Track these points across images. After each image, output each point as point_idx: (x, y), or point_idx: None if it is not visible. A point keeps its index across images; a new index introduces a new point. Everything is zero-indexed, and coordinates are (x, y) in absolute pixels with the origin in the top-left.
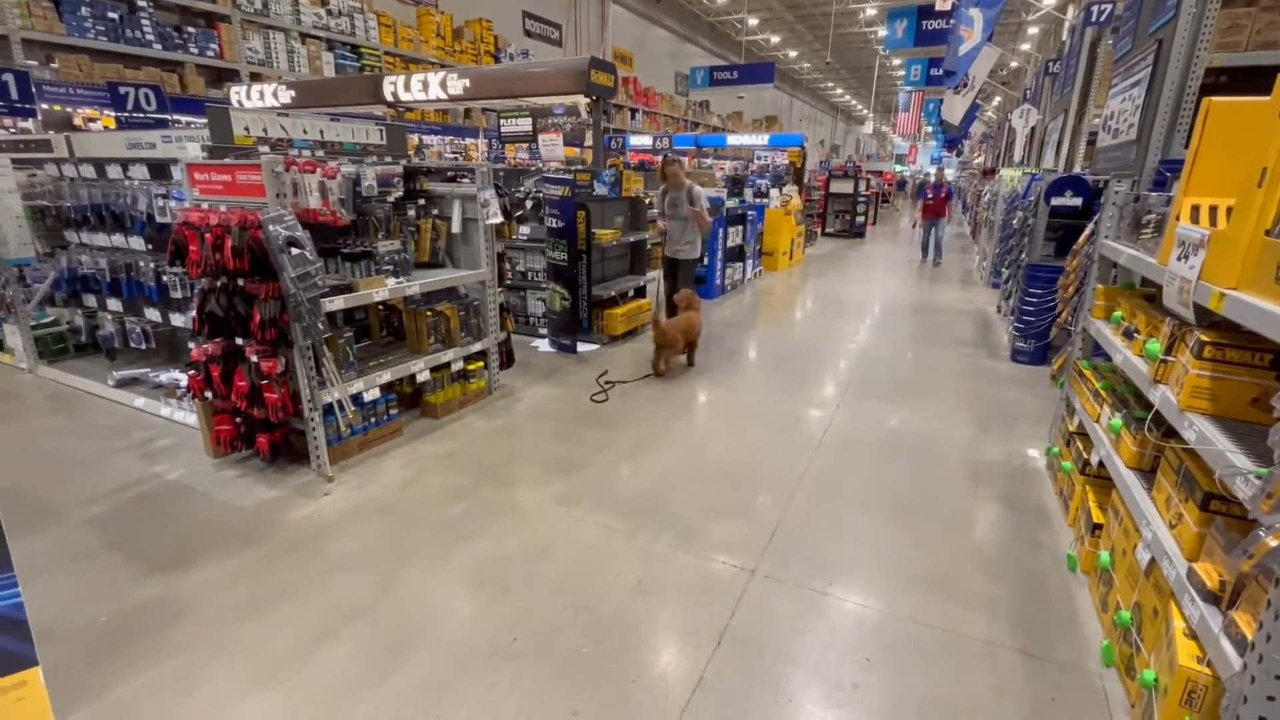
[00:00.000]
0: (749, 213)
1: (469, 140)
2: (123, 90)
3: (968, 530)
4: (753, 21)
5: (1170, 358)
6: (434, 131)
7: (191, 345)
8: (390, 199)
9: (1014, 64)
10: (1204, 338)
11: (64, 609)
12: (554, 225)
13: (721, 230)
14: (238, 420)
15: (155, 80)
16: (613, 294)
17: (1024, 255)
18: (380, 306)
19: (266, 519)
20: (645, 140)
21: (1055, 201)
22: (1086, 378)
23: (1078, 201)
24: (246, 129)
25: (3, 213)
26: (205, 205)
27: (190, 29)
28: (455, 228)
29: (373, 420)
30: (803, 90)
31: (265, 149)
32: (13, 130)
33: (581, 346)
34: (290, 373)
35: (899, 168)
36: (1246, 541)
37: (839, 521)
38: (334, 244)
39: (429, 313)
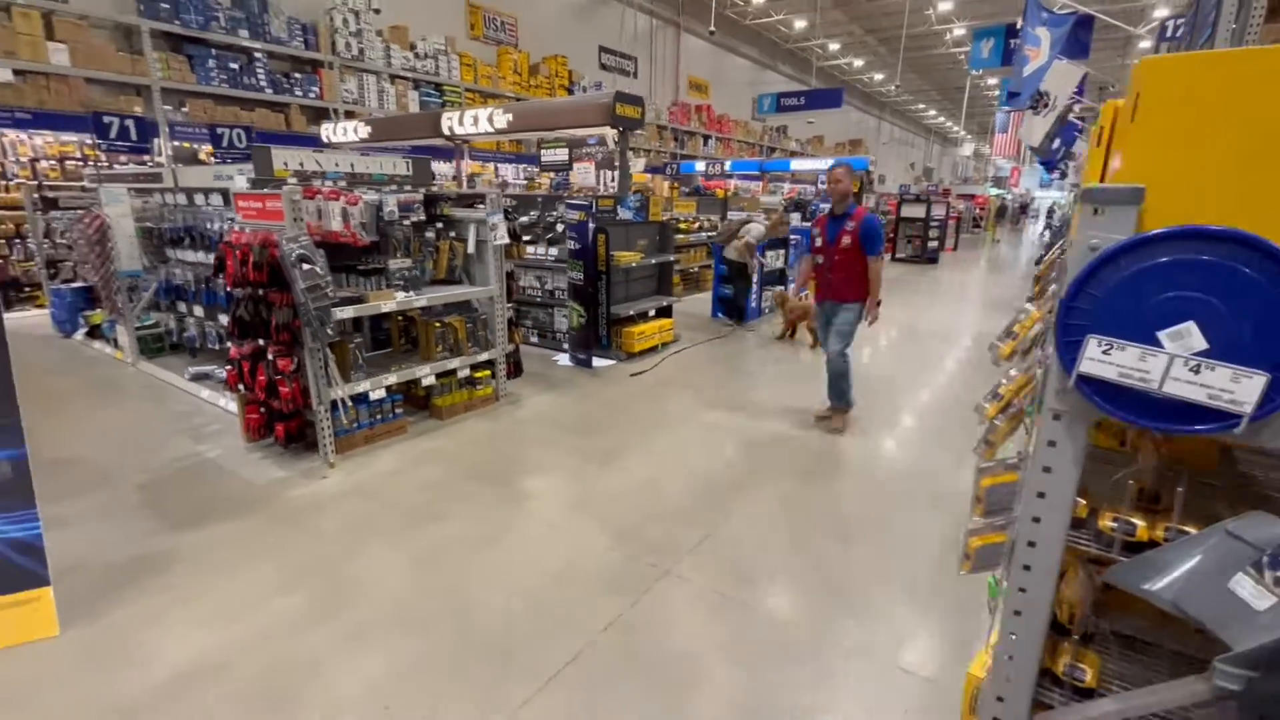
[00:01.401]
0: (791, 237)
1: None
2: (219, 130)
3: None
4: (833, 46)
5: None
6: (508, 160)
7: (230, 345)
8: (409, 222)
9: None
10: None
11: (93, 550)
12: (573, 247)
13: (759, 254)
14: (262, 410)
15: (265, 120)
16: (632, 313)
17: None
18: (399, 317)
19: (270, 494)
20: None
21: None
22: None
23: None
24: (285, 163)
25: (119, 233)
26: (246, 228)
27: (297, 75)
28: (470, 248)
29: (378, 417)
30: (890, 112)
31: (292, 180)
32: (128, 163)
33: (598, 362)
34: (302, 370)
35: (996, 191)
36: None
37: (770, 534)
38: (354, 262)
39: (437, 324)
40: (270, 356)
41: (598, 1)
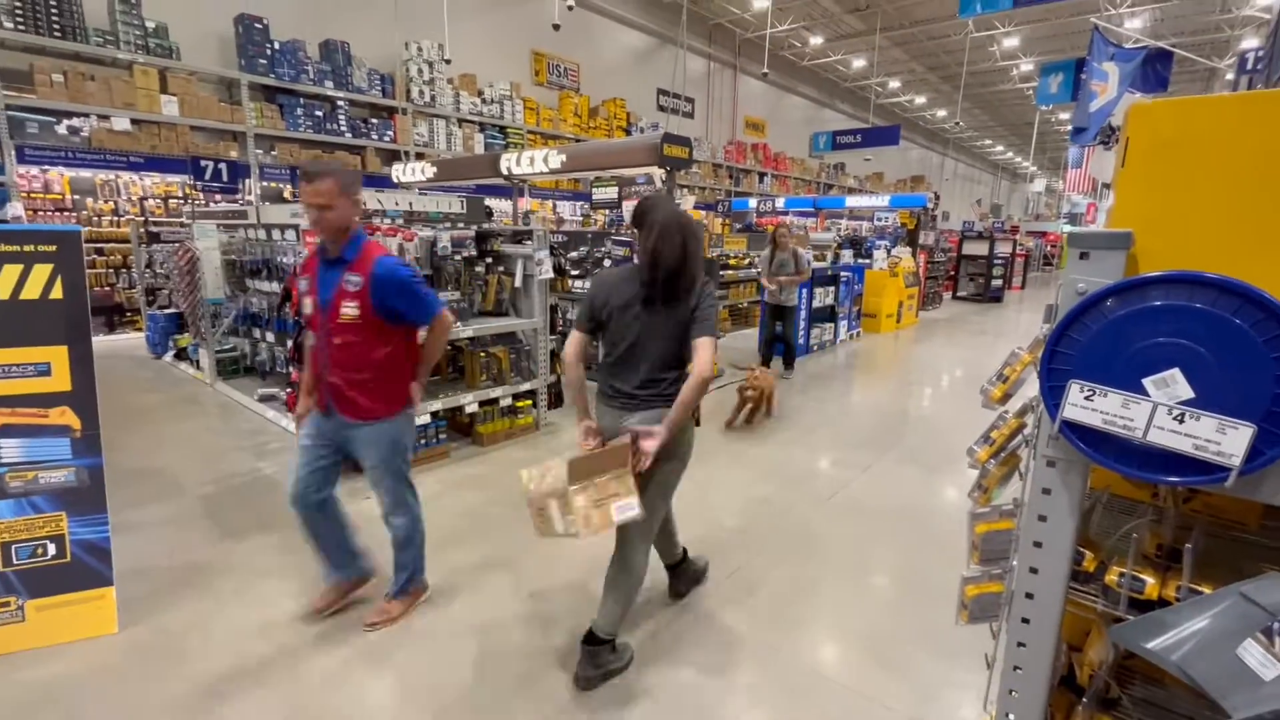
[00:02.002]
0: (843, 274)
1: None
2: (300, 172)
3: None
4: (894, 84)
5: None
6: (566, 198)
7: (291, 370)
8: (461, 257)
9: None
10: None
11: (155, 555)
12: None
13: (807, 291)
14: None
15: (345, 161)
16: None
17: None
18: (448, 346)
19: None
20: (752, 202)
21: None
22: None
23: None
24: None
25: (207, 264)
26: None
27: (373, 120)
28: (518, 282)
29: (422, 442)
30: (953, 148)
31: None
32: (221, 202)
33: None
34: None
35: (1070, 227)
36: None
37: (798, 576)
38: None
39: (483, 354)
40: None
41: (656, 46)
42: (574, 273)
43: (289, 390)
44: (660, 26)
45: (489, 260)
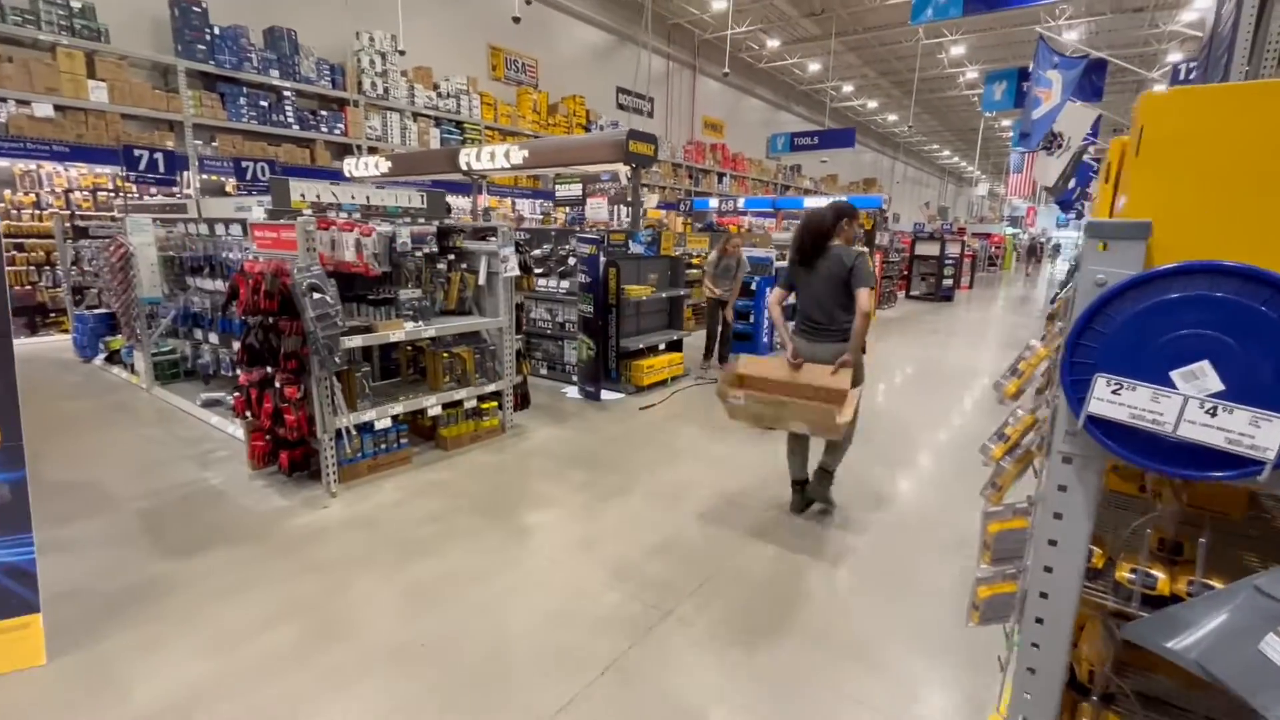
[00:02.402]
0: None
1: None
2: (244, 164)
3: None
4: (847, 88)
5: None
6: (525, 196)
7: (238, 372)
8: (421, 254)
9: None
10: None
11: (88, 576)
12: (584, 280)
13: (769, 289)
14: (268, 438)
15: (290, 155)
16: (641, 346)
17: None
18: (408, 347)
19: (269, 524)
20: (713, 201)
21: None
22: None
23: None
24: (302, 195)
25: (142, 261)
26: (261, 258)
27: (323, 112)
28: (481, 280)
29: (382, 446)
30: (903, 152)
31: (308, 212)
32: (158, 195)
33: (606, 395)
34: (308, 398)
35: (1012, 230)
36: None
37: (769, 582)
38: (366, 292)
39: (445, 354)
40: (278, 384)
41: (615, 44)
42: (537, 271)
43: (236, 394)
44: (619, 24)
45: (451, 257)
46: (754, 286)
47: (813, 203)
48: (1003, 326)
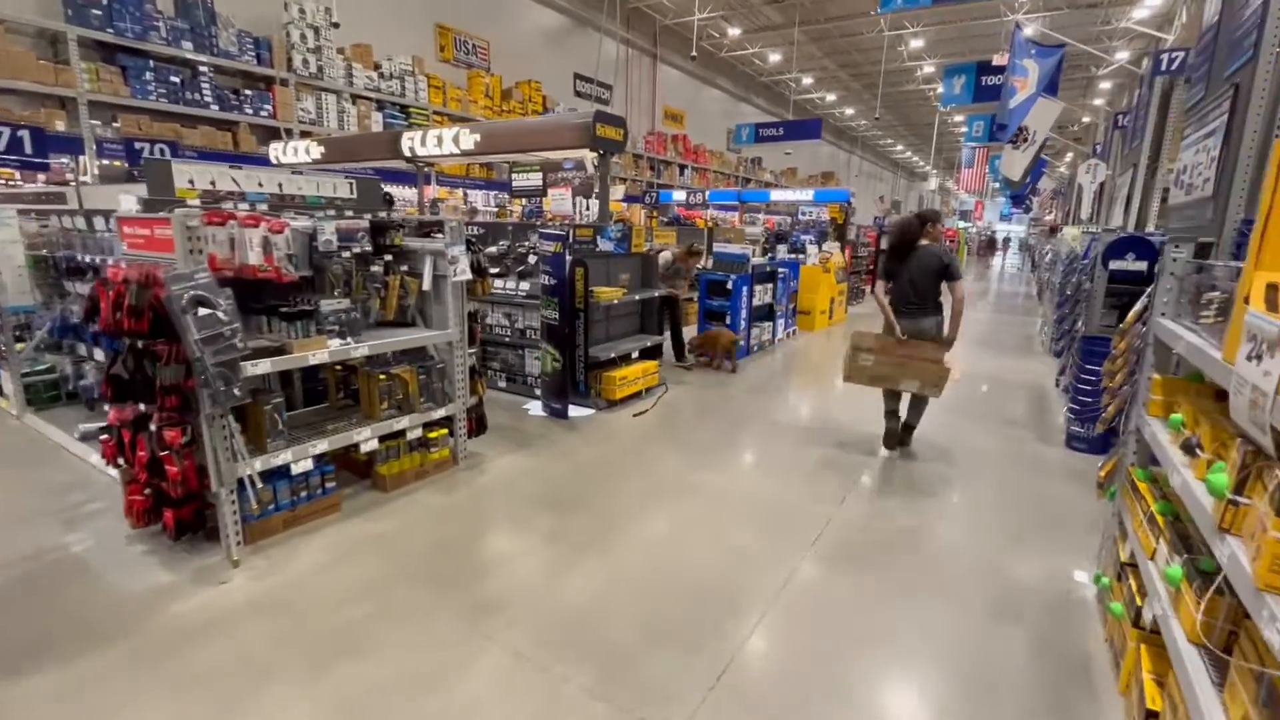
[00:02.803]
0: (780, 270)
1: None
2: (138, 145)
3: (983, 696)
4: (807, 80)
5: (1242, 499)
6: (479, 187)
7: (108, 409)
8: (351, 254)
9: (1085, 119)
10: None
11: None
12: (547, 282)
13: (747, 288)
14: (147, 492)
15: (210, 139)
16: (613, 355)
17: (1080, 325)
18: (338, 367)
19: (145, 611)
20: (681, 195)
21: (1115, 265)
22: (1141, 494)
23: (1141, 266)
24: (191, 181)
25: (4, 261)
26: (129, 260)
27: (247, 91)
28: (426, 285)
29: (302, 494)
30: (860, 146)
31: (195, 202)
32: (11, 184)
33: (575, 411)
34: (198, 442)
35: (963, 224)
36: None
37: (807, 663)
38: (281, 302)
39: (382, 376)
40: (154, 427)
41: (572, 28)
42: (493, 271)
43: (104, 436)
44: (576, 6)
45: (388, 258)
46: (730, 285)
47: (779, 195)
48: (981, 324)
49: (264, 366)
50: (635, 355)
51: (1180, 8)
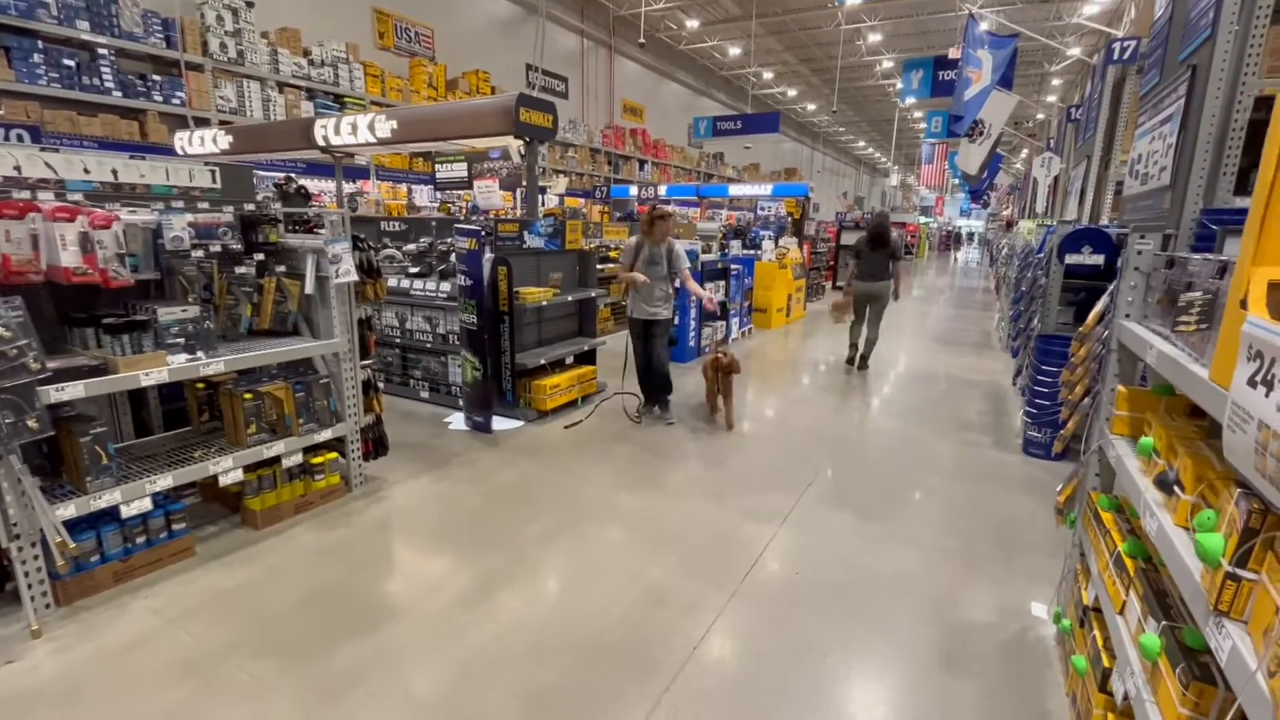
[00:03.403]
0: (733, 266)
1: (463, 192)
2: None
3: None
4: (767, 75)
5: (1246, 574)
6: (424, 181)
7: None
8: (209, 252)
9: (1040, 115)
10: None
11: None
12: (464, 283)
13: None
14: None
15: (113, 128)
16: (543, 362)
17: (1036, 322)
18: (200, 387)
19: None
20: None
21: (1070, 259)
22: (1105, 526)
23: (1098, 260)
24: None
25: None
26: None
27: (156, 77)
28: (309, 288)
29: (140, 541)
30: (822, 142)
31: None
32: None
33: (501, 424)
34: None
35: (924, 219)
36: None
37: None
38: (114, 311)
39: (248, 395)
40: None
41: (523, 16)
42: (414, 270)
43: None
44: None
45: (260, 257)
46: (678, 283)
47: (738, 190)
48: (938, 320)
49: (75, 391)
50: (569, 361)
51: (1129, 4)
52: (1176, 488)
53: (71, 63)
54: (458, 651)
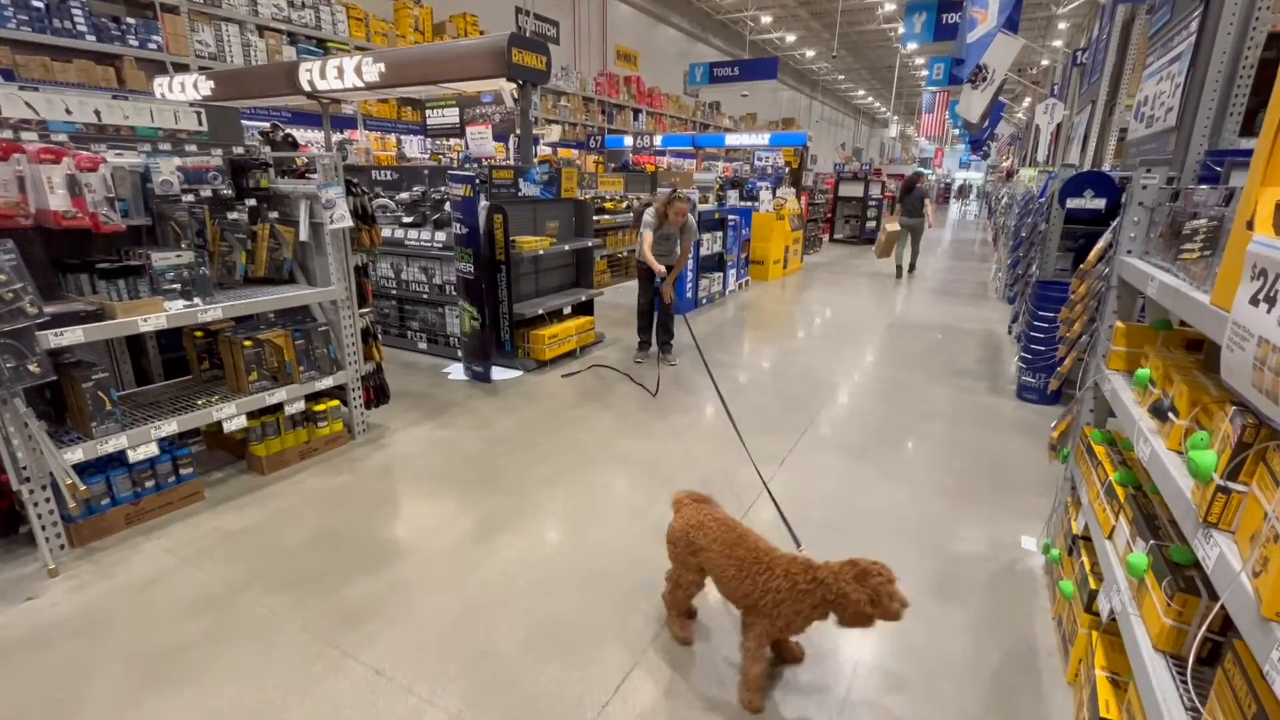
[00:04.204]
0: (730, 218)
1: (454, 141)
2: None
3: (914, 692)
4: (765, 19)
5: (1237, 486)
6: (414, 131)
7: None
8: (199, 197)
9: (1045, 61)
10: None
11: None
12: (460, 231)
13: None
14: None
15: (89, 74)
16: (541, 312)
17: (1034, 269)
18: (199, 333)
19: None
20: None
21: (1071, 204)
22: (1098, 458)
23: (1100, 204)
24: None
25: None
26: None
27: (131, 20)
28: (303, 234)
29: (149, 485)
30: (821, 91)
31: None
32: None
33: (500, 373)
34: None
35: (924, 171)
36: None
37: (720, 669)
38: (106, 257)
39: (248, 342)
40: None
41: None
42: (408, 220)
43: None
44: None
45: (252, 203)
46: None
47: (735, 139)
48: (935, 272)
49: (74, 336)
50: (568, 311)
51: None
52: (1171, 414)
53: (40, 4)
54: (466, 586)
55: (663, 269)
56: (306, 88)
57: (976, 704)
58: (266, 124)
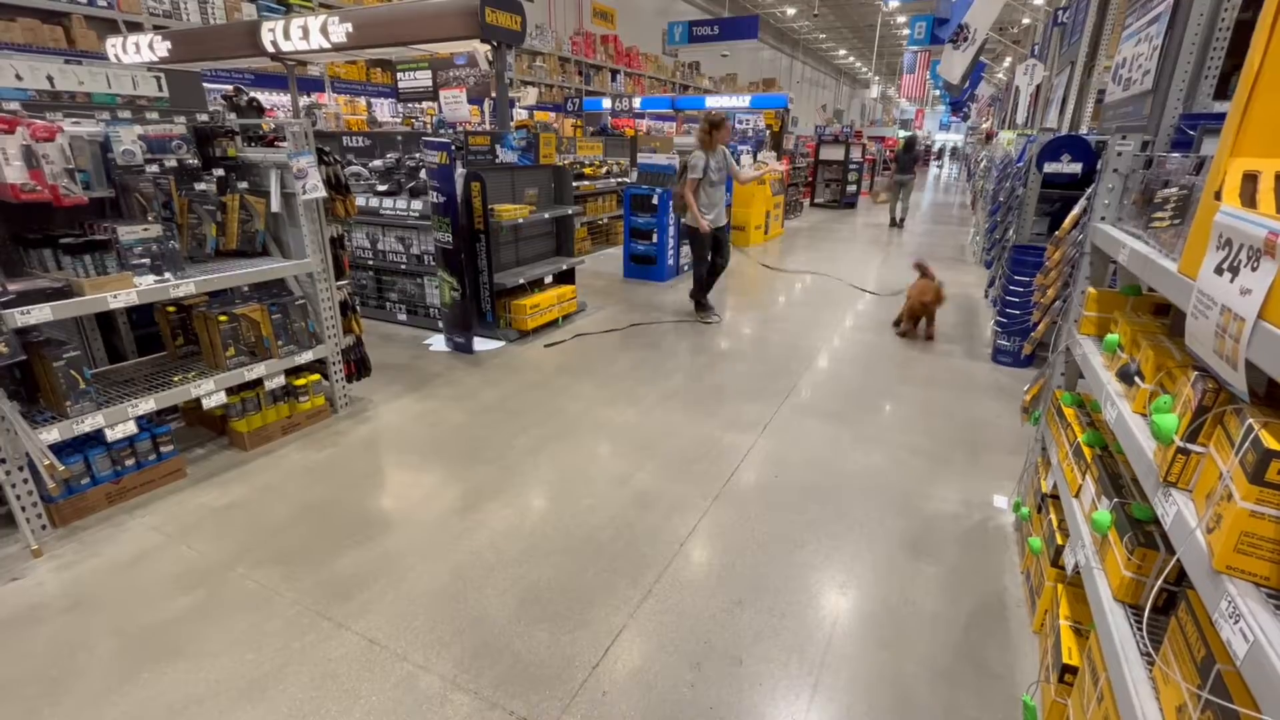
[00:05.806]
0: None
1: (427, 105)
2: None
3: (889, 644)
4: None
5: (1195, 447)
6: (385, 95)
7: None
8: (164, 167)
9: (1025, 21)
10: (1271, 441)
11: None
12: (436, 200)
13: (671, 203)
14: None
15: (35, 34)
16: (522, 281)
17: (1011, 233)
18: (170, 310)
19: None
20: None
21: (1049, 168)
22: (1067, 420)
23: (1076, 168)
24: None
25: None
26: None
27: None
28: (275, 205)
29: (129, 463)
30: (802, 51)
31: None
32: None
33: (482, 344)
34: None
35: (904, 133)
36: None
37: (706, 627)
38: (69, 231)
39: (223, 317)
40: None
41: None
42: (382, 188)
43: None
44: None
45: (220, 173)
46: (655, 200)
47: (715, 101)
48: (912, 235)
49: (41, 314)
50: (549, 280)
51: None
52: (1137, 378)
53: None
54: (454, 555)
55: (706, 225)
56: (270, 49)
57: (948, 653)
58: (229, 87)
